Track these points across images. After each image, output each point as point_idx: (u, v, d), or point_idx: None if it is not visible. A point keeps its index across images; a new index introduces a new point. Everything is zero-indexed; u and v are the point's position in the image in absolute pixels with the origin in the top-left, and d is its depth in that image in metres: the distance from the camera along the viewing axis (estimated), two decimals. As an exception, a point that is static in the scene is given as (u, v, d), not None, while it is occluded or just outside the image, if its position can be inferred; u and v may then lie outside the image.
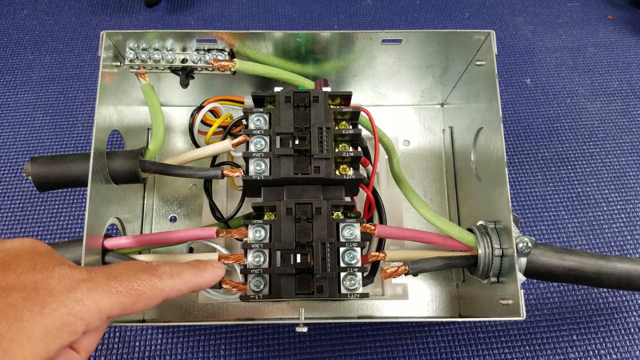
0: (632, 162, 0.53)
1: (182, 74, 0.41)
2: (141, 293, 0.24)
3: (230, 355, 0.43)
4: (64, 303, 0.21)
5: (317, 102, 0.35)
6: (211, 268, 0.29)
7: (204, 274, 0.28)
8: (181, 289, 0.26)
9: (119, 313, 0.23)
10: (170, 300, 0.28)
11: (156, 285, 0.25)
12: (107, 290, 0.23)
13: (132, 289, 0.24)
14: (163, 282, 0.25)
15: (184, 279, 0.26)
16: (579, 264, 0.36)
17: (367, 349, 0.44)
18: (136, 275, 0.24)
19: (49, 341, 0.21)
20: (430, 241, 0.37)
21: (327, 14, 0.63)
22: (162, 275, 0.25)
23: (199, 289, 0.28)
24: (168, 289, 0.25)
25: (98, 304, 0.22)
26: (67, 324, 0.21)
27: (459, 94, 0.47)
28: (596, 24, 0.63)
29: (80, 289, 0.22)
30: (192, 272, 0.27)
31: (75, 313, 0.21)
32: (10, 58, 0.59)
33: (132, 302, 0.24)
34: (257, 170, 0.34)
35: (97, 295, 0.22)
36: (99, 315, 0.22)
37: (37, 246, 0.24)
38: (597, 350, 0.44)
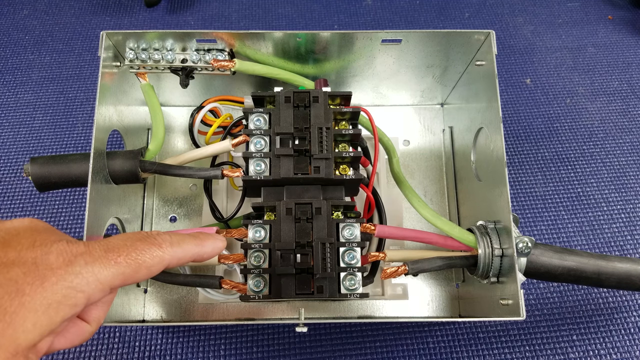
0: (632, 162, 0.53)
1: (182, 74, 0.41)
2: (141, 262, 0.24)
3: (230, 355, 0.43)
4: (63, 277, 0.22)
5: (317, 102, 0.35)
6: (212, 239, 0.29)
7: (205, 244, 0.28)
8: (182, 258, 0.26)
9: (121, 283, 0.24)
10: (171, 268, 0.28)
11: (156, 254, 0.25)
12: (105, 262, 0.23)
13: (131, 259, 0.24)
14: (163, 249, 0.25)
15: (184, 247, 0.26)
16: (579, 264, 0.36)
17: (367, 349, 0.44)
18: (134, 245, 0.24)
19: (50, 313, 0.21)
20: (430, 241, 0.37)
21: (327, 14, 0.63)
22: (162, 243, 0.25)
23: (199, 259, 0.28)
24: (169, 256, 0.25)
25: (97, 276, 0.23)
26: (67, 296, 0.22)
27: (459, 94, 0.47)
28: (596, 24, 0.63)
29: (78, 262, 0.23)
30: (193, 242, 0.27)
31: (74, 286, 0.22)
32: (10, 58, 0.59)
33: (133, 271, 0.24)
34: (257, 170, 0.34)
35: (95, 267, 0.23)
36: (99, 287, 0.23)
37: (36, 224, 0.24)
38: (597, 350, 0.44)
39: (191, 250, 0.27)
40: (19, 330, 0.20)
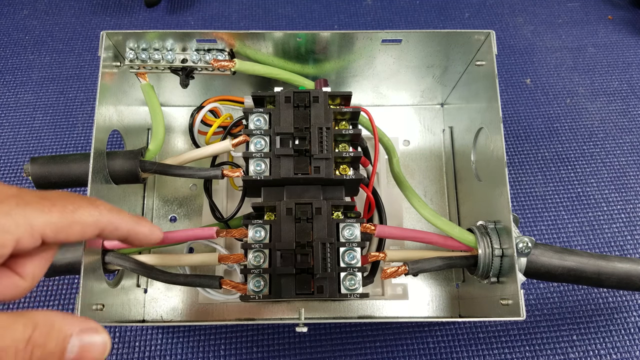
0: (632, 162, 0.53)
1: (182, 74, 0.41)
2: (76, 217, 0.23)
3: (230, 355, 0.43)
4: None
5: (317, 102, 0.35)
6: (150, 224, 0.28)
7: (142, 223, 0.27)
8: (117, 227, 0.25)
9: (53, 235, 0.22)
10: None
11: (93, 213, 0.24)
12: (39, 208, 0.22)
13: (67, 211, 0.23)
14: (100, 211, 0.24)
15: (121, 217, 0.25)
16: (579, 264, 0.36)
17: (367, 349, 0.44)
18: (71, 198, 0.23)
19: None
20: (430, 241, 0.37)
21: (327, 14, 0.63)
22: (100, 205, 0.24)
23: (134, 237, 0.27)
24: (105, 220, 0.24)
25: (29, 219, 0.21)
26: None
27: (459, 94, 0.47)
28: (596, 24, 0.63)
29: (8, 202, 0.21)
30: (131, 217, 0.26)
31: (2, 225, 0.21)
32: (10, 58, 0.59)
33: (67, 224, 0.23)
34: (257, 170, 0.34)
35: (27, 210, 0.22)
36: (29, 231, 0.21)
37: None
38: (597, 350, 0.44)
39: (127, 223, 0.26)
40: None
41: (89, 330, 0.22)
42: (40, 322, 0.20)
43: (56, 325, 0.21)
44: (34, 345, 0.20)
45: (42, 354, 0.20)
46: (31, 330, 0.20)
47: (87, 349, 0.21)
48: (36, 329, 0.20)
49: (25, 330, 0.20)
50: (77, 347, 0.21)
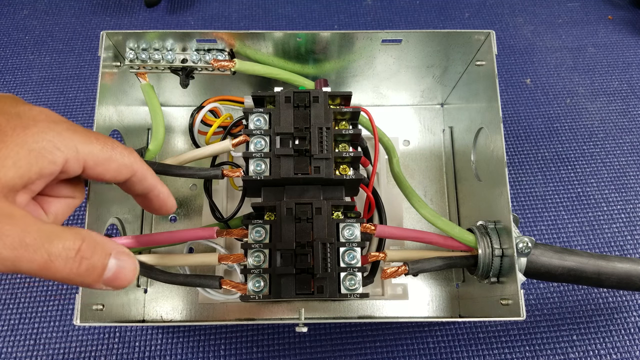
0: (632, 162, 0.53)
1: (182, 74, 0.41)
2: (115, 153, 0.25)
3: (230, 355, 0.43)
4: (45, 130, 0.22)
5: (317, 102, 0.35)
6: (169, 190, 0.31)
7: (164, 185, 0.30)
8: (145, 176, 0.28)
9: (93, 165, 0.24)
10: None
11: (129, 154, 0.26)
12: (85, 137, 0.24)
13: (108, 147, 0.25)
14: (135, 155, 0.27)
15: (151, 170, 0.29)
16: (579, 264, 0.36)
17: (367, 349, 0.44)
18: (111, 139, 0.26)
19: (30, 160, 0.21)
20: (430, 241, 0.37)
21: (327, 14, 0.63)
22: (134, 152, 0.27)
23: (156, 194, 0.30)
24: (138, 165, 0.27)
25: (76, 144, 0.23)
26: (47, 149, 0.22)
27: (459, 94, 0.47)
28: (596, 24, 0.63)
29: (61, 125, 0.23)
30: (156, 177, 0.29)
31: (55, 142, 0.22)
32: (10, 58, 0.59)
33: (106, 157, 0.25)
34: (257, 170, 0.34)
35: (76, 136, 0.23)
36: (75, 155, 0.23)
37: (17, 97, 0.25)
38: (597, 350, 0.44)
39: (154, 177, 0.29)
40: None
41: (123, 254, 0.23)
42: (86, 237, 0.22)
43: (99, 242, 0.22)
44: (82, 257, 0.21)
45: (87, 267, 0.21)
46: (80, 242, 0.21)
47: (121, 271, 0.23)
48: (84, 241, 0.21)
49: (76, 241, 0.21)
50: (114, 266, 0.23)
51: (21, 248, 0.19)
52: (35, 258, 0.20)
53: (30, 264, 0.20)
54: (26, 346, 0.43)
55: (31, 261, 0.20)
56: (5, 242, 0.19)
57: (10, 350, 0.43)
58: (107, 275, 0.22)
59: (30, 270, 0.20)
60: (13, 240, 0.19)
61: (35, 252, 0.20)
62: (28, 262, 0.20)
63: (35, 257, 0.20)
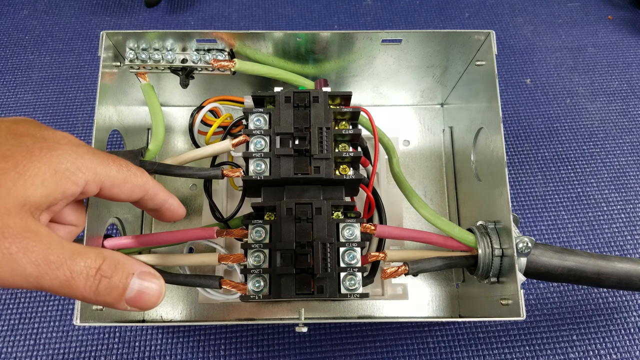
0: (632, 162, 0.53)
1: (182, 74, 0.41)
2: (130, 175, 0.26)
3: (230, 355, 0.43)
4: (68, 152, 0.23)
5: (317, 102, 0.35)
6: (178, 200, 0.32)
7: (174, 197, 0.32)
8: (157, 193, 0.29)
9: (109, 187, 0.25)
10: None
11: (142, 175, 0.28)
12: (102, 160, 0.25)
13: (123, 170, 0.26)
14: (147, 176, 0.28)
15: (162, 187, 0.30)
16: (579, 264, 0.36)
17: (367, 349, 0.44)
18: (125, 161, 0.27)
19: (56, 180, 0.22)
20: (430, 241, 0.37)
21: (327, 14, 0.63)
22: (146, 173, 0.28)
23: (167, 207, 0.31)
24: (150, 185, 0.28)
25: (96, 166, 0.24)
26: (70, 170, 0.23)
27: (459, 94, 0.47)
28: (596, 24, 0.63)
29: (82, 148, 0.24)
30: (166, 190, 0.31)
31: (78, 164, 0.23)
32: (10, 58, 0.59)
33: (122, 180, 0.26)
34: (257, 170, 0.34)
35: (95, 158, 0.24)
36: (95, 177, 0.24)
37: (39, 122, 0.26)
38: (597, 350, 0.44)
39: (165, 193, 0.30)
40: (28, 183, 0.21)
41: (148, 274, 0.24)
42: (108, 256, 0.22)
43: (121, 262, 0.23)
44: (102, 275, 0.22)
45: (108, 286, 0.22)
46: (101, 261, 0.22)
47: (144, 291, 0.23)
48: (105, 260, 0.22)
49: (97, 260, 0.22)
50: (137, 287, 0.23)
51: (45, 265, 0.20)
52: (58, 275, 0.20)
53: (53, 281, 0.20)
54: (26, 346, 0.43)
55: (54, 278, 0.20)
56: (30, 258, 0.20)
57: (10, 350, 0.43)
58: (130, 296, 0.23)
59: (52, 288, 0.21)
60: (37, 257, 0.20)
61: (58, 269, 0.20)
62: (51, 280, 0.20)
63: (58, 275, 0.20)
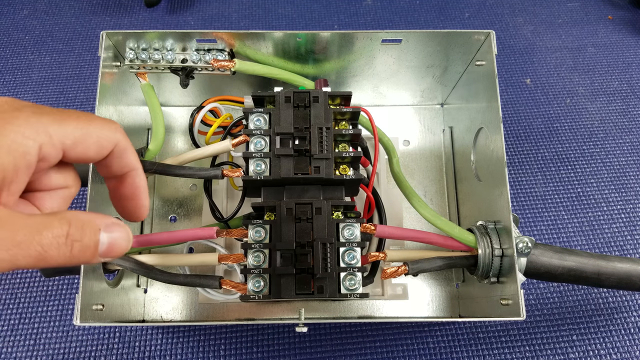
0: (632, 162, 0.53)
1: (182, 74, 0.41)
2: (92, 129, 0.23)
3: (230, 355, 0.43)
4: (9, 121, 0.21)
5: (317, 102, 0.35)
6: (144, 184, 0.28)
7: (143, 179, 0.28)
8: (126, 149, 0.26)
9: (72, 146, 0.23)
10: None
11: (110, 124, 0.24)
12: (55, 118, 0.22)
13: (82, 121, 0.23)
14: (116, 126, 0.25)
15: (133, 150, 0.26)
16: (579, 264, 0.36)
17: (367, 349, 0.44)
18: (85, 113, 0.24)
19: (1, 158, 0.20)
20: (430, 241, 0.37)
21: (327, 14, 0.63)
22: (113, 122, 0.25)
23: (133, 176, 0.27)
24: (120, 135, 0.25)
25: (47, 127, 0.22)
26: (17, 142, 0.21)
27: (459, 94, 0.47)
28: (596, 24, 0.63)
29: (25, 111, 0.22)
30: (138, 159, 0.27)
31: (22, 132, 0.21)
32: (10, 58, 0.59)
33: (83, 134, 0.23)
34: (257, 170, 0.34)
35: (44, 118, 0.22)
36: (49, 140, 0.22)
37: None
38: (597, 350, 0.44)
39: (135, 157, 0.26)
40: None
41: (113, 225, 0.23)
42: (72, 219, 0.21)
43: (86, 221, 0.22)
44: (73, 240, 0.21)
45: (80, 248, 0.21)
46: (67, 227, 0.21)
47: (114, 242, 0.23)
48: (71, 225, 0.21)
49: (62, 227, 0.21)
50: (107, 240, 0.23)
51: (14, 247, 0.20)
52: (30, 253, 0.20)
53: (27, 259, 0.20)
54: (26, 346, 0.43)
55: (27, 256, 0.20)
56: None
57: (10, 350, 0.43)
58: (102, 249, 0.22)
59: (27, 265, 0.20)
60: (5, 242, 0.19)
61: (28, 247, 0.20)
62: (24, 258, 0.20)
63: (29, 252, 0.20)
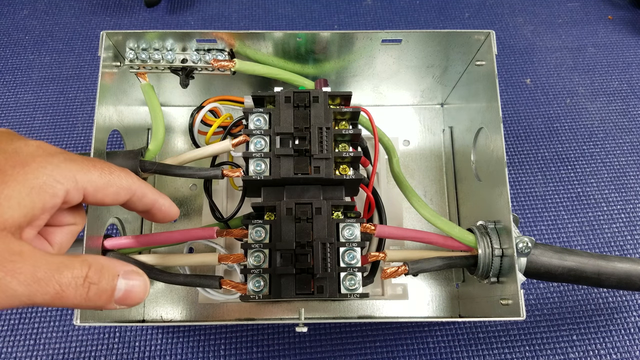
0: (632, 162, 0.53)
1: (182, 74, 0.41)
2: (113, 178, 0.26)
3: (230, 355, 0.43)
4: (43, 165, 0.23)
5: (317, 102, 0.35)
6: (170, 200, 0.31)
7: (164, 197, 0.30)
8: (145, 194, 0.28)
9: (93, 192, 0.25)
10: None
11: (126, 177, 0.26)
12: (82, 166, 0.24)
13: (104, 171, 0.25)
14: (132, 176, 0.27)
15: (149, 186, 0.29)
16: (579, 264, 0.36)
17: (367, 349, 0.44)
18: (107, 163, 0.26)
19: (33, 197, 0.22)
20: (430, 241, 0.37)
21: (327, 14, 0.63)
22: (131, 173, 0.27)
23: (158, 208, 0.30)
24: (136, 185, 0.27)
25: (74, 174, 0.24)
26: (47, 184, 0.22)
27: (459, 94, 0.47)
28: (596, 24, 0.63)
29: (57, 157, 0.23)
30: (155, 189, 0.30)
31: (54, 176, 0.23)
32: (10, 58, 0.59)
33: (104, 183, 0.25)
34: (257, 170, 0.34)
35: (72, 166, 0.24)
36: (75, 185, 0.24)
37: (12, 131, 0.25)
38: (597, 350, 0.44)
39: (153, 193, 0.29)
40: (4, 206, 0.21)
41: (131, 273, 0.24)
42: (93, 263, 0.22)
43: (105, 266, 0.23)
44: (90, 283, 0.22)
45: (97, 291, 0.22)
46: (87, 269, 0.22)
47: (131, 290, 0.24)
48: (91, 268, 0.22)
49: (82, 269, 0.22)
50: (124, 287, 0.23)
51: (34, 283, 0.20)
52: (48, 290, 0.21)
53: (44, 297, 0.21)
54: (26, 346, 0.43)
55: (45, 294, 0.21)
56: (19, 280, 0.20)
57: (10, 350, 0.43)
58: (118, 296, 0.23)
59: (44, 302, 0.21)
60: (26, 277, 0.20)
61: (47, 285, 0.21)
62: (42, 295, 0.21)
63: (48, 290, 0.21)
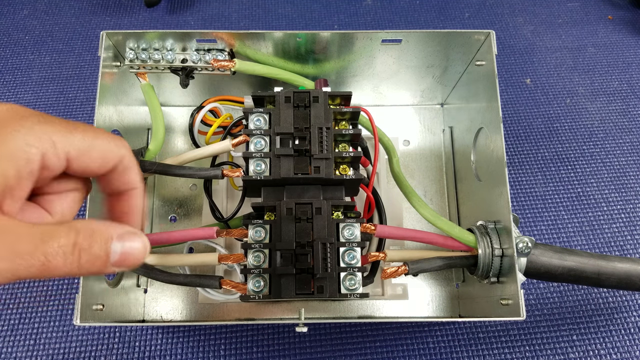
0: (632, 162, 0.53)
1: (182, 74, 0.41)
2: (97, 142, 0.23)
3: (230, 355, 0.43)
4: (16, 129, 0.21)
5: (317, 102, 0.35)
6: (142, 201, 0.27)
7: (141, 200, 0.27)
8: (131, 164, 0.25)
9: (76, 156, 0.22)
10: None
11: (116, 139, 0.24)
12: (61, 128, 0.22)
13: (89, 134, 0.23)
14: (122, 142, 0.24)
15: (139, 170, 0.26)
16: (579, 264, 0.36)
17: (367, 349, 0.44)
18: (92, 126, 0.23)
19: (3, 166, 0.20)
20: (430, 241, 0.37)
21: (327, 14, 0.63)
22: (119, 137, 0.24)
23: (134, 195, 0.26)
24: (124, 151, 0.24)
25: (51, 136, 0.21)
26: (19, 149, 0.20)
27: (459, 94, 0.47)
28: (596, 24, 0.63)
29: (30, 119, 0.21)
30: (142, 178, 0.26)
31: (27, 139, 0.21)
32: (10, 58, 0.59)
33: (88, 146, 0.22)
34: (257, 170, 0.34)
35: (49, 127, 0.21)
36: (53, 149, 0.21)
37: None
38: (597, 350, 0.44)
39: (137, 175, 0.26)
40: None
41: (128, 234, 0.22)
42: (81, 228, 0.21)
43: (97, 230, 0.21)
44: (80, 249, 0.20)
45: (89, 258, 0.21)
46: (75, 236, 0.20)
47: (128, 252, 0.22)
48: (79, 233, 0.21)
49: (69, 236, 0.20)
50: (120, 249, 0.21)
51: (16, 257, 0.19)
52: (33, 263, 0.19)
53: (30, 270, 0.19)
54: (26, 346, 0.43)
55: (29, 266, 0.19)
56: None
57: (10, 350, 0.43)
58: (115, 259, 0.21)
59: (30, 275, 0.20)
60: (6, 252, 0.19)
61: (31, 257, 0.19)
62: (27, 269, 0.19)
63: (32, 262, 0.19)
